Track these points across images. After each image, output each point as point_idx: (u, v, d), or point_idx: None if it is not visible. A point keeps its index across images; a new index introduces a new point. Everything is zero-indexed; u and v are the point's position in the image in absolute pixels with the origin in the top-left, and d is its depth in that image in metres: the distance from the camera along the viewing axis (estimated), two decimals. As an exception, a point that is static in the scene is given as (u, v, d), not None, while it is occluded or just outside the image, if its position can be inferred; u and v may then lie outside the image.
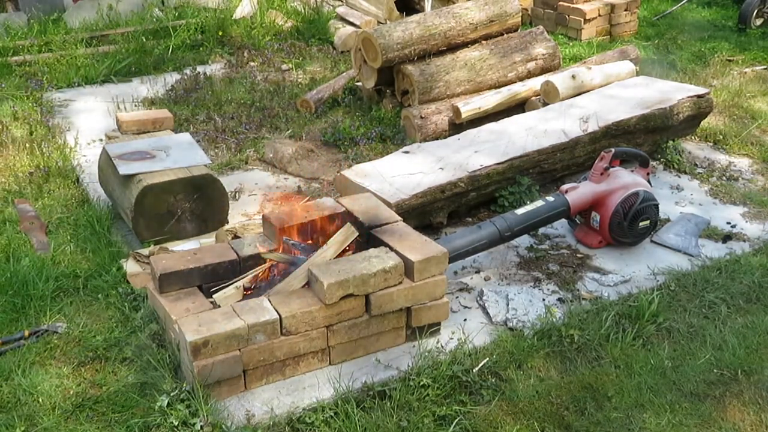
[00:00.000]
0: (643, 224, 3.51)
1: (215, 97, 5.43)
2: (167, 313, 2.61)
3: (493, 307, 3.06)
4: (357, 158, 4.49)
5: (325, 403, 2.52)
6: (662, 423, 2.49)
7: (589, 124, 4.12)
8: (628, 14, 7.22)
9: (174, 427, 2.37)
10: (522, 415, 2.53)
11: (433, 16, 5.03)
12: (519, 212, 3.35)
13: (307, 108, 5.22)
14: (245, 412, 2.50)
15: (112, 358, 2.76)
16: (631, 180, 3.53)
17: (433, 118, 4.73)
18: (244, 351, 2.51)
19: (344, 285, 2.60)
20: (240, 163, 4.49)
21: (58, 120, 5.04)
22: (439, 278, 2.80)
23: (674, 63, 6.30)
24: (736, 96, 5.47)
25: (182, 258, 2.79)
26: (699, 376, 2.71)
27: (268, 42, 6.59)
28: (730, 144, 4.74)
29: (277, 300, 2.62)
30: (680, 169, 4.40)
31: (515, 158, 3.83)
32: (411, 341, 2.83)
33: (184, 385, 2.47)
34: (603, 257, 3.51)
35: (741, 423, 2.51)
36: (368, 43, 4.90)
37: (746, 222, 3.86)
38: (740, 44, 6.86)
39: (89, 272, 3.24)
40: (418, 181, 3.61)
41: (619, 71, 5.08)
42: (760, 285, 3.24)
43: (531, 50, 5.24)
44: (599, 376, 2.70)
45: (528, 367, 2.74)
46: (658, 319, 2.98)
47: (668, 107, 4.31)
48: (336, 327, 2.66)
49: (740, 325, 3.00)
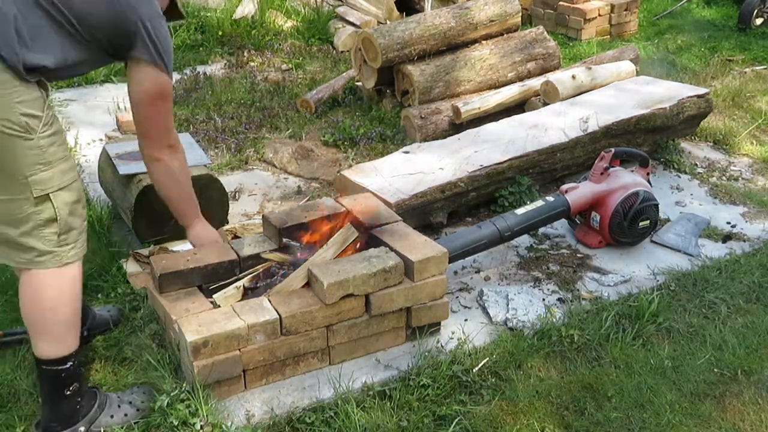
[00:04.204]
0: (643, 224, 3.52)
1: (215, 97, 5.43)
2: (167, 313, 2.60)
3: (493, 307, 3.06)
4: (357, 158, 4.49)
5: (325, 403, 2.52)
6: (662, 423, 2.49)
7: (589, 124, 4.12)
8: (628, 14, 7.22)
9: (174, 427, 2.37)
10: (522, 415, 2.53)
11: (433, 16, 5.03)
12: (519, 212, 3.35)
13: (307, 108, 5.22)
14: (245, 412, 2.50)
15: (112, 358, 2.77)
16: (631, 180, 3.53)
17: (433, 118, 4.73)
18: (244, 351, 2.51)
19: (344, 285, 2.60)
20: (240, 163, 4.49)
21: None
22: (439, 278, 2.80)
23: (674, 63, 6.30)
24: (736, 96, 5.47)
25: (182, 258, 2.79)
26: (699, 376, 2.71)
27: (268, 42, 6.59)
28: (730, 144, 4.74)
29: (277, 300, 2.62)
30: (680, 169, 4.40)
31: (515, 158, 3.83)
32: (411, 341, 2.83)
33: (184, 385, 2.47)
34: (603, 257, 3.51)
35: (741, 423, 2.51)
36: (368, 43, 4.90)
37: (746, 222, 3.87)
38: (740, 44, 6.86)
39: (89, 272, 3.24)
40: (418, 181, 3.61)
41: (619, 71, 5.08)
42: (760, 285, 3.24)
43: (531, 50, 5.24)
44: (599, 376, 2.70)
45: (528, 367, 2.74)
46: (658, 319, 2.98)
47: (668, 107, 4.31)
48: (336, 327, 2.66)
49: (740, 325, 3.00)
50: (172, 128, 2.65)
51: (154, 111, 2.52)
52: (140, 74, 2.43)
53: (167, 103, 2.54)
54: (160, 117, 2.55)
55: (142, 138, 2.61)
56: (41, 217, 2.16)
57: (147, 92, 2.46)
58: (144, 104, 2.49)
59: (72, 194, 2.23)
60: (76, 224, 2.25)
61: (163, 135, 2.60)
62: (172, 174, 2.67)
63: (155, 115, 2.54)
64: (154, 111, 2.52)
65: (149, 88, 2.45)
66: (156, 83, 2.44)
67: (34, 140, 2.11)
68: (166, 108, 2.55)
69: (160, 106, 2.52)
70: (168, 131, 2.62)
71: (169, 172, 2.66)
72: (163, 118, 2.57)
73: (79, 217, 2.27)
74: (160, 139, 2.60)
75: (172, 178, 2.69)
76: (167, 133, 2.62)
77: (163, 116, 2.56)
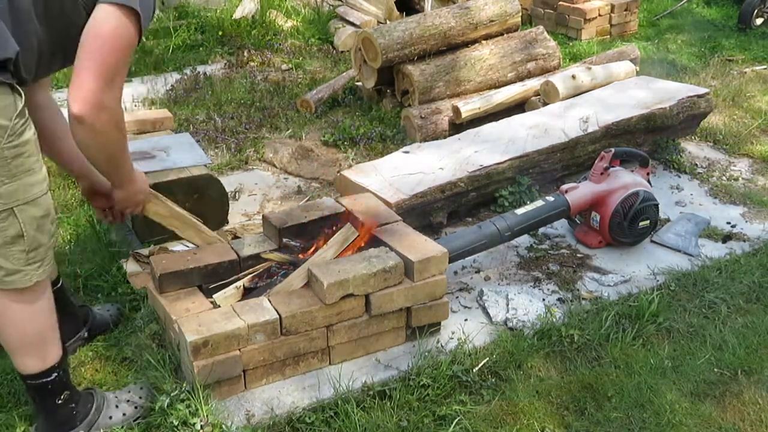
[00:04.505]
0: (643, 224, 3.52)
1: (215, 97, 5.43)
2: (167, 313, 2.61)
3: (493, 307, 3.06)
4: (357, 158, 4.49)
5: (325, 403, 2.52)
6: (662, 423, 2.49)
7: (589, 124, 4.12)
8: (628, 14, 7.22)
9: (174, 427, 2.37)
10: (522, 415, 2.53)
11: (433, 16, 5.03)
12: (519, 212, 3.35)
13: (307, 108, 5.22)
14: (245, 412, 2.50)
15: (112, 358, 2.77)
16: (631, 180, 3.53)
17: (433, 118, 4.73)
18: (244, 351, 2.51)
19: (344, 285, 2.60)
20: (240, 163, 4.49)
21: (58, 120, 5.04)
22: (439, 278, 2.80)
23: (674, 63, 6.30)
24: (736, 96, 5.47)
25: (182, 258, 2.79)
26: (699, 376, 2.71)
27: (268, 42, 6.60)
28: (730, 144, 4.74)
29: (277, 300, 2.62)
30: (680, 169, 4.40)
31: (515, 158, 3.83)
32: (411, 341, 2.83)
33: (184, 385, 2.47)
34: (603, 257, 3.51)
35: (741, 423, 2.51)
36: (368, 43, 4.90)
37: (746, 222, 3.86)
38: (740, 44, 6.86)
39: (89, 272, 3.24)
40: (418, 181, 3.61)
41: (619, 71, 5.08)
42: (760, 285, 3.24)
43: (531, 50, 5.24)
44: (599, 376, 2.70)
45: (528, 367, 2.74)
46: (658, 319, 2.98)
47: (668, 107, 4.31)
48: (336, 327, 2.66)
49: (740, 325, 3.00)
50: (113, 84, 2.09)
51: (96, 57, 2.04)
52: (101, 13, 2.05)
53: (119, 53, 2.07)
54: (99, 66, 2.04)
55: (70, 86, 2.05)
56: (7, 233, 2.02)
57: (97, 33, 2.05)
58: (88, 45, 2.05)
59: (39, 209, 2.06)
60: (43, 240, 2.10)
61: (96, 89, 2.05)
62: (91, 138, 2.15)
63: (94, 61, 2.04)
64: (95, 57, 2.04)
65: (104, 27, 2.04)
66: (111, 22, 2.04)
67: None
68: (116, 59, 2.07)
69: (106, 53, 2.05)
70: (104, 87, 2.06)
71: (89, 135, 2.13)
72: (105, 68, 2.05)
73: (47, 233, 2.11)
74: (91, 93, 2.04)
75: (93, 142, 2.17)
76: (103, 89, 2.06)
77: (104, 66, 2.05)
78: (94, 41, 2.05)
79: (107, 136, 2.17)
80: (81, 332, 2.79)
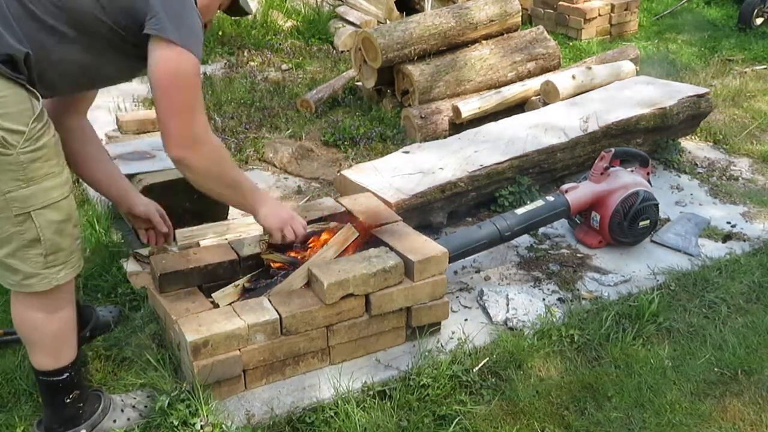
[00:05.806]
0: (643, 224, 3.51)
1: (215, 97, 5.43)
2: (167, 313, 2.60)
3: (493, 307, 3.06)
4: (357, 158, 4.49)
5: (325, 403, 2.52)
6: (662, 423, 2.49)
7: (589, 124, 4.12)
8: (628, 14, 7.22)
9: (174, 427, 2.37)
10: (522, 415, 2.53)
11: (433, 16, 5.03)
12: (519, 212, 3.35)
13: (307, 108, 5.23)
14: (245, 412, 2.50)
15: (112, 358, 2.77)
16: (631, 180, 3.53)
17: (433, 118, 4.73)
18: (244, 351, 2.51)
19: (344, 285, 2.60)
20: (240, 163, 4.49)
21: (58, 120, 5.03)
22: (439, 278, 2.80)
23: (674, 63, 6.30)
24: (736, 96, 5.47)
25: (182, 258, 2.79)
26: (699, 376, 2.71)
27: (268, 42, 6.60)
28: (730, 144, 4.74)
29: (277, 300, 2.62)
30: (680, 168, 4.40)
31: (515, 158, 3.83)
32: (411, 341, 2.83)
33: (185, 385, 2.47)
34: (603, 257, 3.51)
35: (741, 423, 2.51)
36: (368, 43, 4.90)
37: (746, 222, 3.87)
38: (740, 44, 6.86)
39: (89, 272, 3.24)
40: (418, 180, 3.61)
41: (619, 71, 5.08)
42: (760, 285, 3.24)
43: (531, 50, 5.24)
44: (599, 376, 2.70)
45: (528, 367, 2.74)
46: (658, 319, 2.98)
47: (668, 107, 4.31)
48: (336, 327, 2.66)
49: (740, 325, 3.00)
50: (194, 120, 2.18)
51: (167, 101, 2.12)
52: (153, 54, 2.08)
53: (187, 90, 2.14)
54: (174, 108, 2.13)
55: (161, 136, 2.20)
56: (24, 237, 2.01)
57: (159, 77, 2.08)
58: (157, 91, 2.11)
59: (58, 213, 2.04)
60: (64, 244, 2.08)
61: (180, 130, 2.16)
62: (199, 177, 2.32)
63: (168, 105, 2.13)
64: (167, 101, 2.12)
65: (163, 68, 2.07)
66: (170, 63, 2.07)
67: (13, 156, 1.92)
68: (185, 97, 2.14)
69: (174, 93, 2.11)
70: (186, 125, 2.17)
71: (196, 175, 2.30)
72: (179, 109, 2.13)
73: (69, 236, 2.09)
74: (178, 136, 2.17)
75: (204, 180, 2.33)
76: (186, 127, 2.17)
77: (178, 107, 2.13)
78: (160, 84, 2.10)
79: (214, 164, 2.30)
80: (83, 332, 2.79)
